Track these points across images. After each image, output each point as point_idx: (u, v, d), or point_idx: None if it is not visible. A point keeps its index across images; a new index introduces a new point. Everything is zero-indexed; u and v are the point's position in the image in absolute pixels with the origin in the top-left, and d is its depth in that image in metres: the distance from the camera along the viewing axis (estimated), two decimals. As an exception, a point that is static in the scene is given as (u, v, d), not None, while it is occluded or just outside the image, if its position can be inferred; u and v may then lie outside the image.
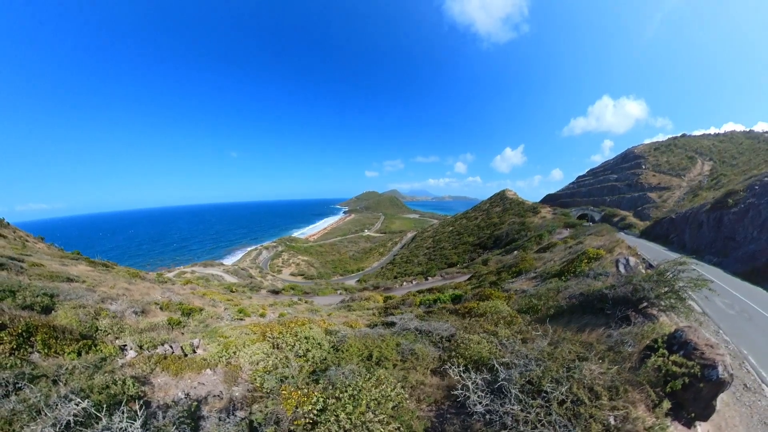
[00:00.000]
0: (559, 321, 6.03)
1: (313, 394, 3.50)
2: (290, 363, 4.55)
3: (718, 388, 3.68)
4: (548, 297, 6.85)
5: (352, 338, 5.27)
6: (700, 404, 3.72)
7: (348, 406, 3.22)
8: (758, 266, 20.36)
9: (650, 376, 3.75)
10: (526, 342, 4.56)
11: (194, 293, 16.25)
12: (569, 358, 3.85)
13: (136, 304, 10.51)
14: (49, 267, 15.58)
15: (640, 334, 4.62)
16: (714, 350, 3.88)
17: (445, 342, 5.19)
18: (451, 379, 3.88)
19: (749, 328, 9.79)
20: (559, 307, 6.36)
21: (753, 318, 10.80)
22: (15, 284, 8.47)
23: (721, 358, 3.76)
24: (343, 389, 3.51)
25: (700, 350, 3.89)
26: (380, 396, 3.44)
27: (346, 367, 4.19)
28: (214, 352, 5.14)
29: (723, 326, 9.34)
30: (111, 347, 5.79)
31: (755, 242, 22.84)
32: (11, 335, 4.79)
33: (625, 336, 4.64)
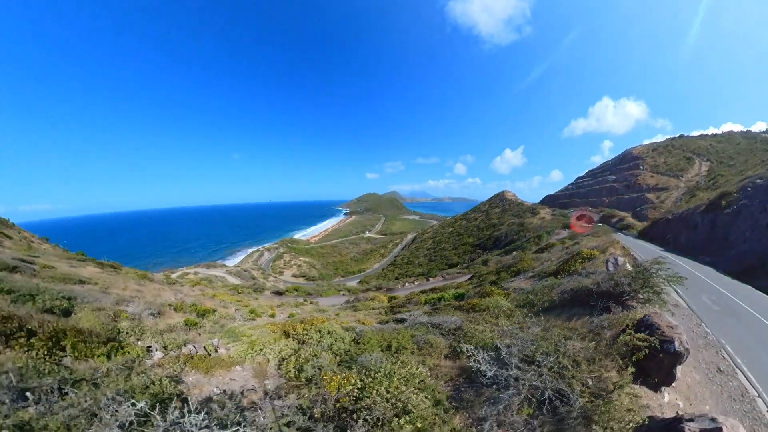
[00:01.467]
0: (552, 313, 6.81)
1: (351, 377, 4.10)
2: (321, 355, 5.11)
3: (676, 358, 4.60)
4: (543, 293, 7.54)
5: (369, 332, 5.87)
6: (662, 372, 4.66)
7: (384, 383, 3.89)
8: (749, 265, 20.99)
9: (620, 349, 4.68)
10: (523, 330, 5.38)
11: (204, 294, 16.85)
12: (557, 339, 4.77)
13: (151, 305, 10.89)
14: (59, 269, 15.98)
15: (616, 320, 5.54)
16: (673, 330, 4.75)
17: (453, 333, 5.85)
18: (462, 362, 4.78)
19: (730, 321, 10.43)
20: (552, 302, 7.11)
21: (736, 313, 11.42)
22: (33, 288, 8.45)
23: (678, 335, 4.63)
24: (376, 371, 4.18)
25: (662, 330, 4.80)
26: (407, 374, 4.17)
27: (372, 355, 4.84)
28: (241, 350, 5.63)
29: (705, 320, 9.96)
30: (138, 349, 5.99)
31: (747, 242, 23.46)
32: (41, 340, 4.85)
33: (604, 322, 5.65)
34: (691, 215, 31.87)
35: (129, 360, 5.26)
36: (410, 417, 3.43)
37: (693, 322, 9.35)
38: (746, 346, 8.49)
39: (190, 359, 5.58)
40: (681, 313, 10.10)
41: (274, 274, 73.96)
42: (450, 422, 3.64)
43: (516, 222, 52.18)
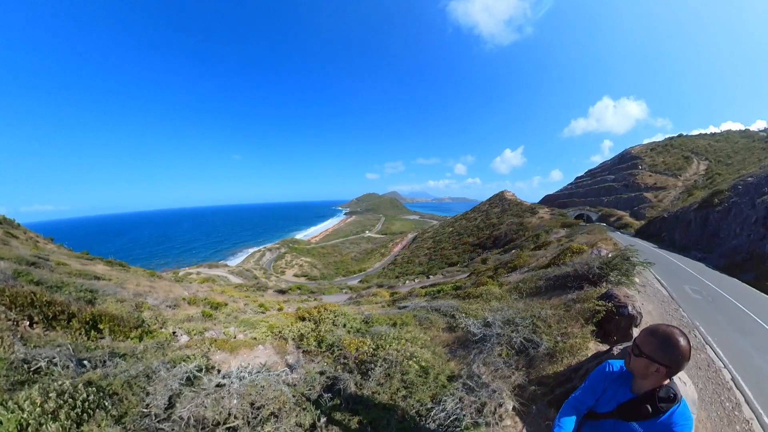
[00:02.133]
0: (536, 296, 7.80)
1: (366, 341, 4.95)
2: (338, 329, 5.89)
3: (630, 320, 5.56)
4: (531, 281, 8.45)
5: (376, 314, 6.63)
6: (620, 332, 5.61)
7: (393, 343, 4.84)
8: (738, 260, 21.87)
9: (584, 314, 5.78)
10: (509, 306, 6.38)
11: (213, 290, 17.57)
12: (534, 308, 5.95)
13: (167, 299, 11.67)
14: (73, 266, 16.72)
15: (585, 295, 6.50)
16: (628, 299, 5.72)
17: (450, 313, 6.68)
18: (458, 333, 5.74)
19: (708, 307, 11.32)
20: (538, 287, 8.15)
21: (715, 301, 12.32)
22: (58, 281, 8.82)
23: (632, 302, 5.59)
24: (387, 336, 5.12)
25: (619, 299, 5.83)
26: (412, 337, 5.16)
27: (381, 327, 5.78)
28: (261, 332, 6.32)
29: (684, 306, 10.80)
30: (166, 333, 6.68)
31: (737, 238, 24.25)
32: (81, 323, 5.30)
33: (575, 296, 6.70)
34: (685, 213, 32.60)
35: (160, 341, 5.86)
36: (416, 359, 4.43)
37: (671, 308, 10.20)
38: (718, 327, 9.34)
39: (214, 341, 6.25)
40: (660, 299, 10.86)
41: (276, 274, 74.72)
42: (447, 365, 4.66)
43: (515, 221, 52.86)
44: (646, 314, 8.68)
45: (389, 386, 3.96)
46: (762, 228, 22.93)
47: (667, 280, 14.84)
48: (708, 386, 6.04)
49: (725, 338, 8.59)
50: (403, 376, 4.08)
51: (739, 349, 8.01)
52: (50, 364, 3.25)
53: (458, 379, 4.04)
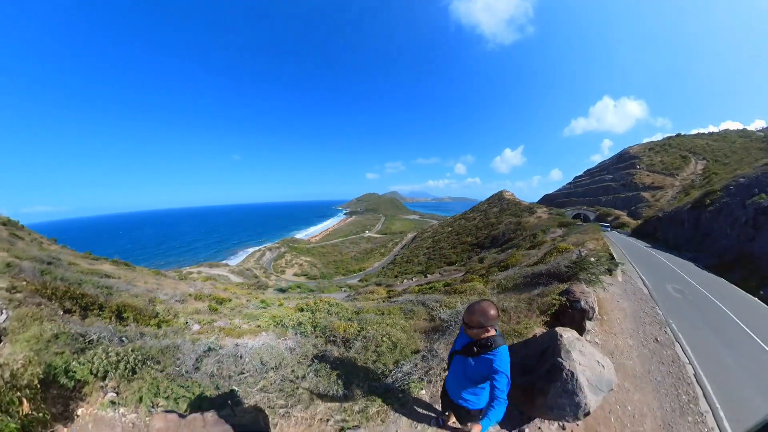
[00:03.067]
0: (512, 291, 8.35)
1: (353, 324, 5.84)
2: (331, 316, 6.62)
3: (583, 314, 6.08)
4: (513, 278, 9.06)
5: (367, 306, 7.22)
6: (574, 325, 6.04)
7: (374, 325, 5.76)
8: (727, 260, 22.24)
9: (542, 306, 6.46)
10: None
11: (216, 288, 18.19)
12: (500, 301, 6.73)
13: (175, 294, 12.37)
14: (82, 265, 17.37)
15: (548, 290, 7.10)
16: (584, 294, 6.20)
17: (432, 305, 7.31)
18: (436, 323, 6.35)
19: (686, 306, 11.53)
20: (516, 284, 8.72)
21: (696, 299, 12.54)
22: (77, 278, 9.42)
23: (585, 297, 6.08)
24: (371, 321, 6.09)
25: (575, 294, 6.32)
26: (392, 322, 6.00)
27: (368, 315, 6.74)
28: (264, 322, 7.00)
29: (661, 304, 11.09)
30: (180, 322, 7.46)
31: (727, 238, 24.74)
32: (110, 311, 6.03)
33: (540, 291, 7.32)
34: (679, 213, 33.15)
35: (176, 329, 6.53)
36: (389, 336, 5.35)
37: (648, 306, 10.56)
38: (692, 325, 9.62)
39: (222, 329, 6.90)
40: (639, 297, 11.23)
41: (276, 273, 75.34)
42: (415, 343, 5.56)
43: (513, 221, 53.40)
44: (620, 311, 9.15)
45: (364, 354, 5.01)
46: (751, 229, 23.27)
47: (650, 279, 15.11)
48: (666, 380, 6.32)
49: (696, 336, 8.85)
50: (376, 348, 5.08)
51: (708, 347, 8.27)
52: (99, 337, 4.13)
53: (420, 352, 5.09)
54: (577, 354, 4.02)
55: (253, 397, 3.79)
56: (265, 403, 3.68)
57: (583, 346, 4.17)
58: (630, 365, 6.38)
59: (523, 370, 4.28)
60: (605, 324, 7.73)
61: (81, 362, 3.33)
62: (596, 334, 6.97)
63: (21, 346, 3.32)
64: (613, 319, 8.28)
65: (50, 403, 2.90)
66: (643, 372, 6.33)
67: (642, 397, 5.48)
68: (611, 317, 8.29)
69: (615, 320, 8.21)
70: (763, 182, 25.99)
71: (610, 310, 8.84)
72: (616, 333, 7.54)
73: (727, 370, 7.19)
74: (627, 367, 6.30)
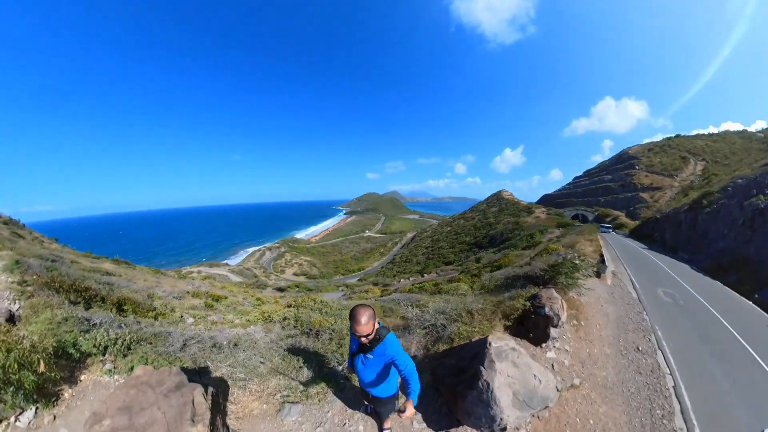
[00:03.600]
0: (492, 292, 8.34)
1: (328, 319, 6.26)
2: (310, 313, 6.88)
3: (547, 320, 5.98)
4: (496, 279, 9.06)
5: (352, 304, 7.36)
6: (538, 331, 5.99)
7: (345, 320, 6.23)
8: (723, 262, 22.02)
9: (506, 310, 6.46)
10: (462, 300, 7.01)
11: (214, 286, 18.35)
12: (468, 302, 6.84)
13: (173, 291, 12.61)
14: (84, 263, 17.58)
15: (518, 294, 7.03)
16: (550, 300, 6.15)
17: (415, 304, 7.45)
18: (406, 321, 6.61)
19: (675, 311, 10.89)
20: (497, 285, 8.70)
21: (687, 304, 11.86)
22: (80, 275, 10.14)
23: (551, 304, 6.06)
24: (345, 316, 6.49)
25: (541, 300, 6.20)
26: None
27: (347, 311, 6.57)
28: (254, 317, 7.23)
29: (648, 309, 10.57)
30: (175, 315, 7.73)
31: (724, 240, 24.67)
32: (111, 304, 6.53)
33: (511, 294, 7.27)
34: (677, 214, 33.16)
35: (171, 321, 6.92)
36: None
37: (634, 311, 10.07)
38: (679, 332, 9.00)
39: (215, 323, 7.14)
40: (626, 302, 10.82)
41: (276, 273, 75.52)
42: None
43: (511, 221, 53.46)
44: (602, 316, 8.87)
45: (329, 344, 5.59)
46: (748, 230, 22.85)
47: (641, 282, 14.48)
48: (642, 392, 5.86)
49: (682, 344, 8.32)
50: (340, 339, 5.69)
51: (694, 356, 7.76)
52: (102, 322, 4.83)
53: None
54: (506, 365, 3.86)
55: (220, 370, 4.44)
56: (228, 375, 4.32)
57: (518, 357, 4.04)
58: (602, 375, 6.01)
59: (455, 372, 4.27)
60: (582, 330, 7.43)
61: (86, 338, 4.07)
62: (567, 341, 6.69)
63: (37, 327, 4.01)
64: (593, 324, 7.97)
65: (60, 369, 3.59)
66: (615, 382, 5.98)
67: (609, 410, 5.16)
68: (590, 323, 7.99)
69: (594, 326, 7.93)
70: (761, 183, 25.81)
71: (592, 315, 8.49)
72: (592, 340, 7.22)
73: (712, 384, 6.65)
74: (598, 377, 5.95)
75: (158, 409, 2.75)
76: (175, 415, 2.73)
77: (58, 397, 3.42)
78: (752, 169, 31.48)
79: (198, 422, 2.78)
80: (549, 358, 5.86)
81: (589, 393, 5.38)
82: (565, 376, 5.60)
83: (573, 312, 7.79)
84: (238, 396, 4.05)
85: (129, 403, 2.78)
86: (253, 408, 3.93)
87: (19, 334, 3.56)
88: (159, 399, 2.86)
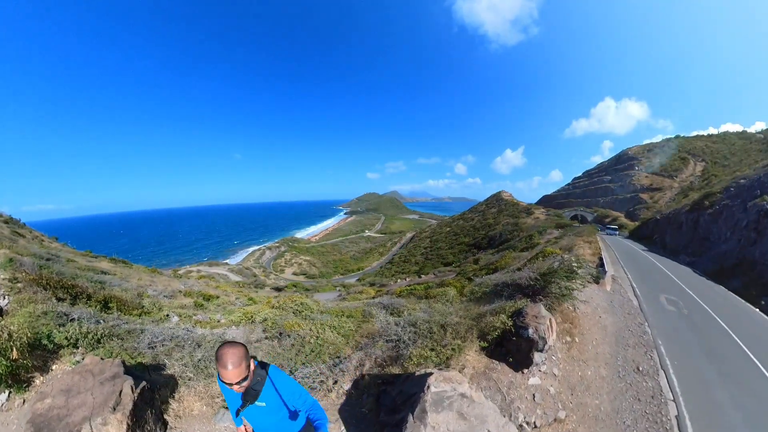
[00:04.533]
0: (480, 300, 7.74)
1: (301, 323, 6.27)
2: (289, 315, 7.02)
3: (531, 344, 5.22)
4: (485, 285, 8.53)
5: (333, 307, 7.22)
6: (520, 354, 5.32)
7: (317, 327, 6.22)
8: (727, 266, 21.43)
9: (484, 328, 5.72)
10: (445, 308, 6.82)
11: (209, 285, 18.11)
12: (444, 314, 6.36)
13: (165, 291, 12.48)
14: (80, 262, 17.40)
15: (500, 307, 6.25)
16: (536, 320, 5.38)
17: (397, 311, 7.24)
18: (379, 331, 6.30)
19: (680, 322, 10.12)
20: (484, 293, 8.05)
21: (691, 313, 11.11)
22: (73, 273, 10.16)
23: (536, 324, 5.28)
24: (317, 321, 6.52)
25: (526, 318, 5.46)
26: (337, 325, 6.43)
27: (323, 315, 7.06)
28: (237, 317, 7.13)
29: (651, 320, 9.87)
30: (161, 314, 7.67)
31: (727, 242, 24.18)
32: (97, 301, 6.62)
33: (494, 307, 6.44)
34: (677, 215, 32.78)
35: (155, 319, 6.93)
36: (318, 337, 5.91)
37: (635, 322, 9.35)
38: (684, 348, 8.30)
39: (198, 322, 7.07)
40: (626, 311, 10.10)
41: (275, 272, 75.27)
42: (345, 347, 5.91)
43: (511, 222, 53.15)
44: (600, 329, 8.12)
45: (290, 350, 5.60)
46: (753, 232, 21.96)
47: (642, 288, 13.53)
48: (639, 423, 5.20)
49: (687, 363, 7.58)
50: (300, 346, 5.66)
51: (700, 378, 6.98)
52: (80, 317, 5.04)
53: (335, 357, 5.46)
54: (446, 416, 2.99)
55: (174, 368, 4.51)
56: (179, 374, 4.42)
57: (469, 406, 3.14)
58: (594, 405, 5.31)
59: (391, 405, 3.70)
60: (575, 348, 6.69)
61: (60, 331, 4.38)
62: (556, 362, 5.91)
63: (17, 319, 4.22)
64: (588, 340, 7.24)
65: (34, 358, 3.87)
66: (609, 413, 5.30)
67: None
68: (586, 338, 7.25)
69: (590, 342, 7.19)
70: (765, 183, 25.10)
71: (588, 328, 7.67)
72: (586, 360, 6.49)
73: (719, 411, 5.90)
74: (589, 407, 5.26)
75: (91, 395, 3.04)
76: (102, 401, 2.99)
77: (30, 384, 3.70)
78: (755, 170, 30.99)
79: (118, 411, 2.99)
80: (531, 385, 5.14)
81: (575, 428, 4.74)
82: (549, 407, 4.90)
83: (567, 326, 7.11)
84: (183, 394, 4.14)
85: (70, 387, 3.10)
86: (194, 408, 4.03)
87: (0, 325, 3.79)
88: (95, 386, 3.14)
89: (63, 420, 2.77)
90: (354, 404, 4.42)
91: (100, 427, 2.80)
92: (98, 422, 2.82)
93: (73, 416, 2.82)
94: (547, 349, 5.38)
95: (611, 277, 13.89)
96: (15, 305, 4.99)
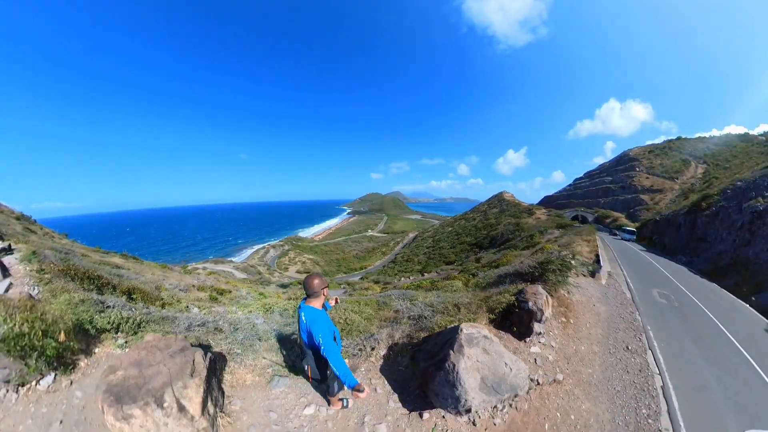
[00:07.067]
0: (485, 288, 8.62)
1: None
2: None
3: (531, 315, 6.18)
4: (490, 277, 9.43)
5: (349, 299, 8.00)
6: (522, 325, 6.27)
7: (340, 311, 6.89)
8: (722, 265, 22.05)
9: (491, 305, 6.71)
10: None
11: (219, 281, 18.98)
12: (456, 296, 7.24)
13: (179, 285, 13.20)
14: (94, 257, 18.28)
15: (505, 290, 7.29)
16: (534, 295, 6.39)
17: (404, 299, 8.05)
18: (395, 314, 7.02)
19: (669, 313, 10.85)
20: (489, 282, 8.94)
21: (681, 306, 11.73)
22: (91, 267, 11.18)
23: (534, 299, 6.26)
24: (339, 308, 7.13)
25: (526, 295, 6.49)
26: (358, 310, 7.09)
27: (344, 304, 7.65)
28: (256, 307, 7.84)
29: (642, 310, 10.53)
30: (181, 305, 8.27)
31: (723, 243, 24.79)
32: (122, 292, 6.95)
33: (499, 290, 7.55)
34: (676, 216, 33.34)
35: (178, 310, 7.40)
36: (346, 319, 6.51)
37: (626, 311, 10.01)
38: (671, 333, 8.96)
39: (218, 313, 7.69)
40: (619, 302, 10.74)
41: (279, 271, 76.27)
42: (370, 326, 6.50)
43: (512, 222, 53.70)
44: (593, 315, 8.92)
45: None
46: (747, 233, 22.76)
47: (636, 284, 14.34)
48: (628, 390, 5.81)
49: (673, 345, 8.18)
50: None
51: (685, 357, 7.63)
52: (114, 305, 5.28)
53: (366, 333, 5.98)
54: (475, 350, 3.98)
55: (220, 347, 4.89)
56: (227, 351, 4.81)
57: (489, 344, 4.18)
58: (587, 373, 5.98)
59: (429, 356, 4.50)
60: (570, 327, 7.40)
61: (101, 317, 4.54)
62: (554, 337, 6.64)
63: (57, 306, 4.46)
64: (582, 323, 7.96)
65: (78, 341, 4.01)
66: (601, 380, 5.91)
67: (592, 407, 5.06)
68: (580, 321, 7.96)
69: (584, 324, 7.92)
70: (760, 186, 25.75)
71: (582, 313, 8.43)
72: (580, 338, 7.18)
73: (702, 386, 6.50)
74: (583, 374, 5.90)
75: (164, 365, 3.29)
76: (178, 370, 3.28)
77: (75, 366, 3.81)
78: (752, 172, 31.46)
79: (195, 376, 3.33)
80: (533, 352, 5.98)
81: (572, 389, 5.32)
82: (549, 370, 5.63)
83: (562, 309, 7.92)
84: (234, 368, 4.54)
85: (140, 360, 3.32)
86: (246, 379, 4.42)
87: (44, 309, 4.03)
88: (165, 358, 3.39)
89: (142, 387, 2.99)
90: (391, 365, 5.01)
91: (181, 390, 3.12)
92: (179, 386, 3.13)
93: (152, 383, 3.06)
94: (545, 320, 6.27)
95: (607, 272, 14.57)
96: (47, 294, 5.11)
